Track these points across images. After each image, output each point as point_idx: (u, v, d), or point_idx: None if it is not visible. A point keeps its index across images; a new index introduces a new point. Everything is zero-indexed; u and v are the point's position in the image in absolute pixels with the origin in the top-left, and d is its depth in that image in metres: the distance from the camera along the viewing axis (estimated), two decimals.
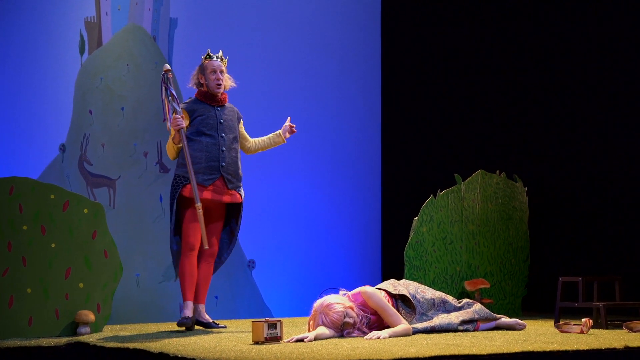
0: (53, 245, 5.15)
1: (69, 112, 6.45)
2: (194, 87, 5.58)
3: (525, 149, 7.59)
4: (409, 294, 5.13)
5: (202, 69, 5.52)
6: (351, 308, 4.84)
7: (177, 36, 6.79)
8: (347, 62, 7.69)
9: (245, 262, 7.08)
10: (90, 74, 6.52)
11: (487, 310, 5.31)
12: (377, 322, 4.95)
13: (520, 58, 7.67)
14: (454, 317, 5.15)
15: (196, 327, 5.52)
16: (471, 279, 6.51)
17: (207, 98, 5.51)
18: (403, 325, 4.88)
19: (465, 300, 5.35)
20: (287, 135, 5.75)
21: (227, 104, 5.60)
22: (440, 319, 5.12)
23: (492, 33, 7.79)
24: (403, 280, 5.33)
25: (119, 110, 6.57)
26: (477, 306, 5.29)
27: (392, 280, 5.27)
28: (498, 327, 5.34)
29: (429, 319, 5.13)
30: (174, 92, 5.37)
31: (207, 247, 5.29)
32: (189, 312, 5.34)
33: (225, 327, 5.54)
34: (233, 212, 5.58)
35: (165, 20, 6.85)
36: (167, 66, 5.46)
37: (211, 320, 5.54)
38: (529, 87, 7.64)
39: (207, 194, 5.38)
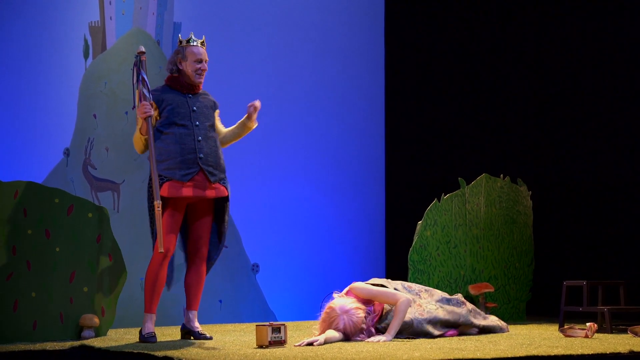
0: (57, 249, 5.15)
1: (73, 116, 6.46)
2: (168, 72, 5.05)
3: (529, 153, 7.59)
4: (390, 287, 5.12)
5: (184, 55, 5.00)
6: (367, 313, 4.88)
7: None
8: (350, 65, 7.69)
9: (249, 266, 7.08)
10: (94, 78, 6.52)
11: (471, 317, 5.27)
12: (379, 311, 4.95)
13: (525, 61, 7.66)
14: (441, 313, 5.11)
15: (186, 335, 5.10)
16: (475, 283, 6.50)
17: (180, 85, 5.02)
18: (400, 310, 4.87)
19: (457, 296, 5.34)
20: (254, 116, 5.11)
21: (200, 91, 5.10)
22: (427, 305, 5.10)
23: (495, 36, 7.79)
24: (399, 282, 5.33)
25: (123, 114, 6.57)
26: (465, 310, 5.25)
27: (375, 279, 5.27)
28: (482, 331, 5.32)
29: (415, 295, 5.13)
30: (145, 77, 4.89)
31: (161, 250, 4.77)
32: (152, 326, 4.92)
33: (211, 338, 5.04)
34: (219, 208, 5.08)
35: (169, 25, 6.86)
36: (142, 48, 4.94)
37: (198, 330, 5.05)
38: (533, 90, 7.63)
39: (187, 191, 4.89)
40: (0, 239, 5.00)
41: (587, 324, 5.07)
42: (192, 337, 5.07)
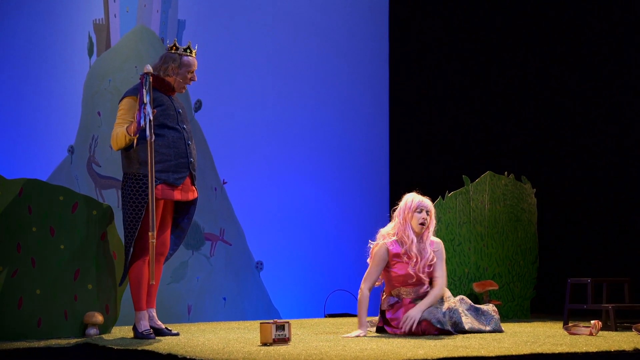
0: (62, 246, 5.16)
1: (78, 114, 6.47)
2: (155, 72, 4.94)
3: (533, 150, 7.58)
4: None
5: (180, 64, 4.99)
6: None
7: (186, 38, 6.80)
8: (354, 63, 7.69)
9: (253, 264, 7.08)
10: (98, 75, 6.53)
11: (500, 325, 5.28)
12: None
13: (529, 59, 7.65)
14: (464, 320, 5.13)
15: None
16: (479, 280, 6.49)
17: (164, 87, 4.99)
18: (435, 294, 5.07)
19: (488, 307, 5.31)
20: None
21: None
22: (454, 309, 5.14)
23: (500, 34, 7.78)
24: None
25: None
26: (496, 318, 5.24)
27: None
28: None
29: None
30: (149, 99, 4.80)
31: (152, 282, 4.85)
32: (147, 323, 4.95)
33: (178, 333, 5.09)
34: (185, 208, 5.12)
35: (174, 22, 6.86)
36: (150, 68, 4.86)
37: (164, 327, 5.10)
38: (537, 88, 7.62)
39: (177, 194, 4.95)
40: (5, 236, 5.01)
41: (592, 321, 5.06)
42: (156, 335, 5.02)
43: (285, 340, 4.54)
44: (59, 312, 5.13)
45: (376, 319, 5.36)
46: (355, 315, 7.14)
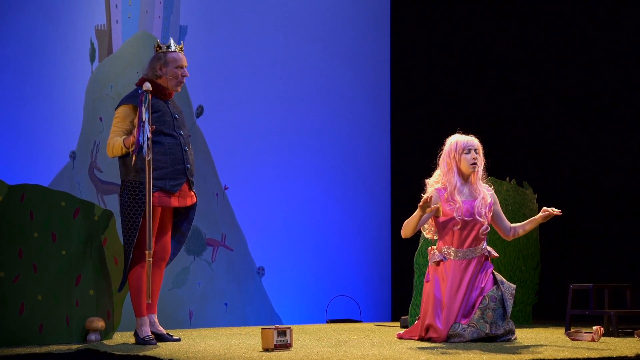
0: (64, 252, 5.16)
1: (80, 119, 6.48)
2: (145, 74, 4.96)
3: (535, 156, 7.58)
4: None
5: (166, 61, 4.96)
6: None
7: (187, 44, 6.81)
8: (356, 68, 7.69)
9: (255, 269, 7.08)
10: (100, 81, 6.54)
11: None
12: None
13: (532, 64, 7.65)
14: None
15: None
16: None
17: (159, 92, 4.96)
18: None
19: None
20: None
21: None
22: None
23: (502, 38, 7.78)
24: None
25: None
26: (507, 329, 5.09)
27: None
28: None
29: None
30: (148, 116, 4.81)
31: (149, 301, 4.87)
32: (148, 329, 4.95)
33: (179, 339, 5.08)
34: (185, 212, 5.11)
35: (175, 28, 6.87)
36: (149, 85, 4.83)
37: (165, 332, 5.09)
38: (539, 94, 7.62)
39: (174, 201, 4.95)
40: (6, 241, 5.01)
41: (594, 327, 5.06)
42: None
43: (286, 346, 4.54)
44: (60, 317, 5.13)
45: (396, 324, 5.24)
46: (357, 321, 7.15)
